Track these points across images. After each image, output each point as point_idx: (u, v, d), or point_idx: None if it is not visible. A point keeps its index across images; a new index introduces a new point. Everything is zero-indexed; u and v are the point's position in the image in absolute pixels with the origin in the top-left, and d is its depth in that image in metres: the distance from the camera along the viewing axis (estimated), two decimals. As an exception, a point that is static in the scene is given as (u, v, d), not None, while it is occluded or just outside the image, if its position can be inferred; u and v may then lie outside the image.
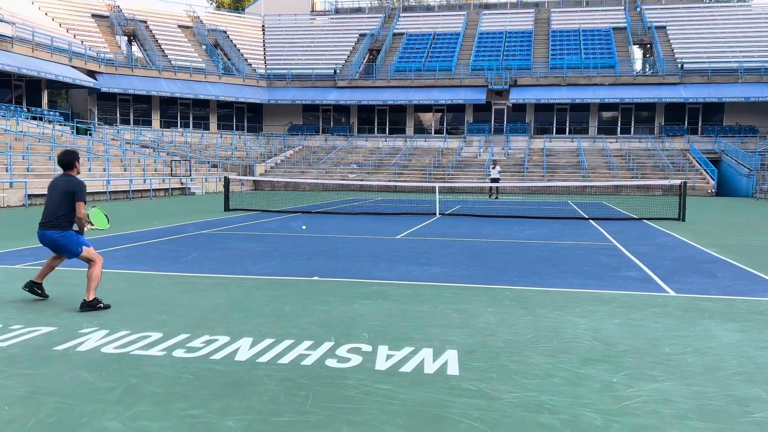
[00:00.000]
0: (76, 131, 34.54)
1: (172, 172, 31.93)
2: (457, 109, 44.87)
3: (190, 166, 33.60)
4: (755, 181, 31.89)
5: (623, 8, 49.38)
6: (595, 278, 7.87)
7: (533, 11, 51.02)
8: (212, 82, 43.99)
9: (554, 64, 43.51)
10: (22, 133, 27.59)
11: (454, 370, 4.24)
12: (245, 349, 4.66)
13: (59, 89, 40.89)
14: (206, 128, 45.09)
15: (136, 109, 43.12)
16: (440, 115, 45.81)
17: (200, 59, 45.38)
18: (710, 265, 9.07)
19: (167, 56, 43.84)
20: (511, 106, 43.65)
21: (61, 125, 33.77)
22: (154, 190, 27.99)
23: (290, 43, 50.05)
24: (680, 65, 41.46)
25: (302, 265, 8.71)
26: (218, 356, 4.49)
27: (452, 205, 22.97)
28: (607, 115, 43.78)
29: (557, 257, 9.67)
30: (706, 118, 42.18)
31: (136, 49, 45.20)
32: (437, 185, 20.76)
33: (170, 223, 14.80)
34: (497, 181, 27.65)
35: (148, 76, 41.98)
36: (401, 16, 52.90)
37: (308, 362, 4.37)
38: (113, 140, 35.10)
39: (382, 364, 4.35)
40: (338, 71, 45.79)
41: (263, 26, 52.48)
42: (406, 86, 44.41)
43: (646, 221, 16.39)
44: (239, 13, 56.30)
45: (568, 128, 43.83)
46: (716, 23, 45.39)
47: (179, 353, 4.54)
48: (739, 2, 49.95)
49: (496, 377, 4.10)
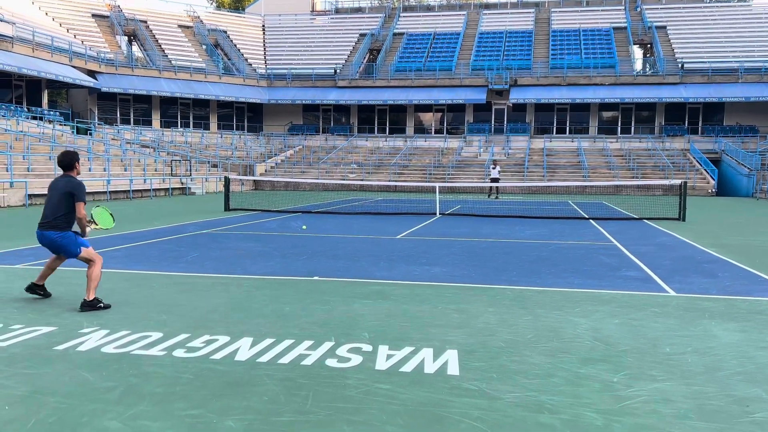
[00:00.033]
0: (76, 131, 34.54)
1: (172, 172, 31.94)
2: (457, 109, 44.86)
3: (190, 166, 33.61)
4: (755, 180, 31.88)
5: (623, 8, 49.37)
6: (595, 278, 7.87)
7: (533, 11, 51.01)
8: (212, 81, 44.00)
9: (554, 63, 43.51)
10: (22, 132, 27.60)
11: (454, 369, 4.24)
12: (245, 349, 4.66)
13: (59, 89, 40.90)
14: (206, 128, 45.10)
15: (136, 108, 43.13)
16: (440, 115, 45.81)
17: (200, 59, 45.39)
18: (710, 264, 9.07)
19: (167, 56, 43.84)
20: (511, 105, 43.64)
21: (61, 125, 33.78)
22: (154, 190, 27.99)
23: (290, 42, 50.05)
24: (680, 65, 41.45)
25: (302, 265, 8.71)
26: (218, 356, 4.49)
27: (452, 204, 22.97)
28: (607, 114, 43.77)
29: (557, 257, 9.68)
30: (706, 117, 42.17)
31: (136, 48, 45.21)
32: (437, 185, 20.76)
33: (170, 223, 14.80)
34: (497, 181, 27.66)
35: (148, 75, 41.98)
36: (401, 16, 52.89)
37: (308, 362, 4.37)
38: (113, 140, 35.11)
39: (382, 363, 4.35)
40: (338, 71, 45.78)
41: (263, 26, 52.48)
42: (406, 86, 44.41)
43: (646, 221, 16.38)
44: (239, 13, 56.31)
45: (568, 128, 43.82)
46: (716, 23, 45.39)
47: (179, 353, 4.55)
48: (739, 2, 49.93)
49: (496, 377, 4.10)
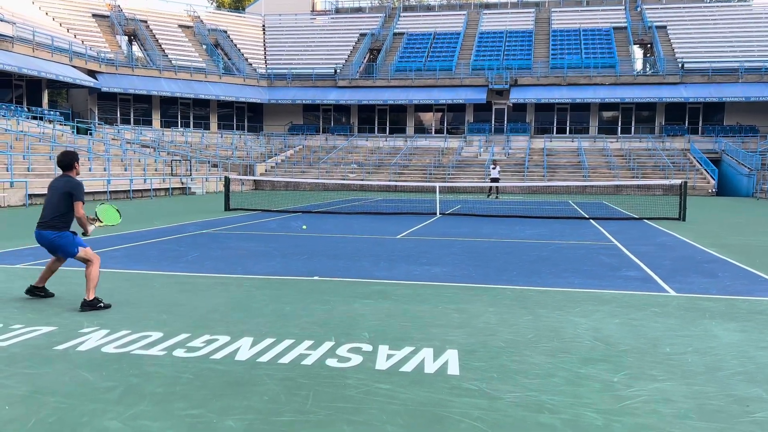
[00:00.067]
0: (76, 131, 34.54)
1: (172, 171, 31.95)
2: (457, 108, 44.86)
3: (190, 165, 33.61)
4: (756, 180, 31.88)
5: (624, 8, 49.37)
6: (595, 278, 7.86)
7: (534, 11, 51.01)
8: (213, 81, 44.00)
9: (555, 63, 43.51)
10: (22, 132, 27.60)
11: (454, 369, 4.23)
12: (245, 348, 4.66)
13: (60, 89, 40.91)
14: (207, 128, 45.10)
15: (136, 108, 43.14)
16: (441, 114, 45.80)
17: (201, 59, 45.39)
18: (711, 264, 9.07)
19: (168, 56, 43.84)
20: (511, 105, 43.64)
21: (61, 125, 33.78)
22: (154, 189, 28.00)
23: (291, 42, 50.05)
24: (681, 65, 41.44)
25: (302, 264, 8.71)
26: (218, 356, 4.49)
27: (453, 204, 22.97)
28: (607, 114, 43.77)
29: (558, 257, 9.67)
30: (706, 117, 42.17)
31: (136, 48, 45.22)
32: (438, 185, 20.74)
33: (170, 222, 14.80)
34: (497, 180, 27.67)
35: (148, 75, 41.99)
36: (402, 15, 52.89)
37: (309, 362, 4.37)
38: (114, 140, 35.11)
39: (382, 363, 4.35)
40: (338, 71, 45.78)
41: (264, 26, 52.48)
42: (406, 86, 44.40)
43: (646, 221, 16.38)
44: (240, 12, 56.31)
45: (568, 128, 43.82)
46: (717, 23, 45.38)
47: (179, 353, 4.54)
48: (739, 2, 49.92)
49: (496, 377, 4.10)
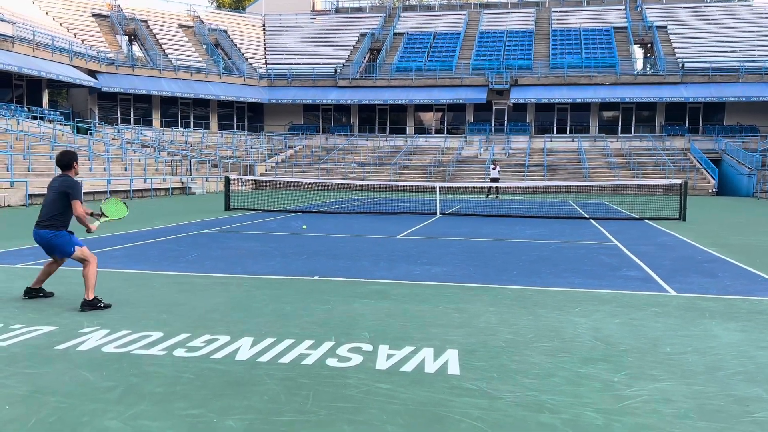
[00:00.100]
0: (76, 131, 34.55)
1: (172, 171, 31.96)
2: (457, 108, 44.86)
3: (190, 165, 33.61)
4: (756, 180, 31.87)
5: (624, 8, 49.36)
6: (595, 278, 7.86)
7: (534, 11, 51.01)
8: (213, 81, 44.00)
9: (555, 63, 43.50)
10: (22, 132, 27.61)
11: (454, 369, 4.23)
12: (246, 348, 4.66)
13: (60, 89, 40.91)
14: (207, 128, 45.10)
15: (136, 108, 43.14)
16: (441, 114, 45.80)
17: (201, 59, 45.39)
18: (711, 264, 9.07)
19: (168, 56, 43.84)
20: (511, 105, 43.63)
21: (61, 125, 33.78)
22: (154, 189, 28.00)
23: (291, 42, 50.05)
24: (681, 65, 41.44)
25: (303, 264, 8.71)
26: (219, 356, 4.49)
27: (453, 204, 22.97)
28: (607, 114, 43.76)
29: (558, 257, 9.67)
30: (706, 117, 42.16)
31: (136, 48, 45.22)
32: (438, 185, 20.75)
33: (171, 222, 14.80)
34: (497, 180, 27.67)
35: (148, 75, 41.99)
36: (402, 15, 52.89)
37: (309, 362, 4.36)
38: (114, 140, 35.11)
39: (382, 363, 4.34)
40: (339, 71, 45.78)
41: (264, 26, 52.48)
42: (406, 86, 44.40)
43: (646, 221, 16.38)
44: (240, 12, 56.32)
45: (568, 128, 43.82)
46: (717, 23, 45.38)
47: (180, 353, 4.54)
48: (740, 2, 49.92)
49: (496, 377, 4.10)
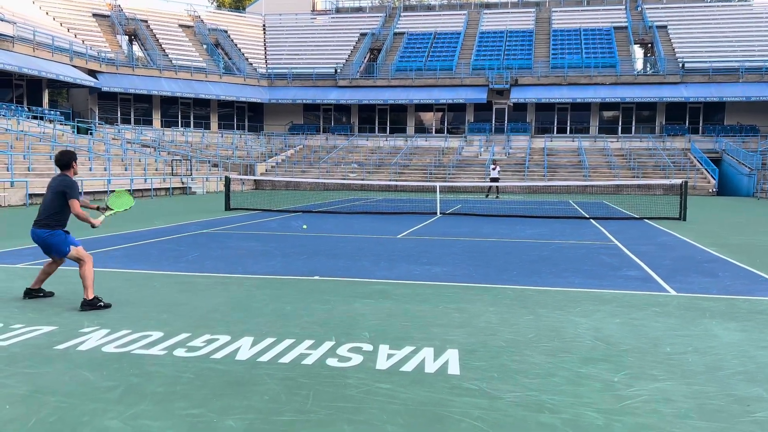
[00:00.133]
0: (76, 131, 34.55)
1: (173, 171, 31.97)
2: (457, 108, 44.85)
3: (191, 165, 33.62)
4: (756, 180, 31.87)
5: (624, 7, 49.36)
6: (595, 278, 7.86)
7: (534, 11, 51.01)
8: (213, 81, 44.00)
9: (555, 63, 43.50)
10: (23, 132, 27.61)
11: (455, 369, 4.23)
12: (246, 348, 4.66)
13: (60, 89, 40.91)
14: (207, 128, 45.10)
15: (137, 108, 43.14)
16: (441, 114, 45.80)
17: (201, 59, 45.39)
18: (711, 264, 9.07)
19: (168, 56, 43.84)
20: (511, 105, 43.63)
21: (61, 125, 33.78)
22: (155, 189, 28.00)
23: (291, 42, 50.05)
24: (681, 65, 41.43)
25: (303, 264, 8.71)
26: (219, 355, 4.49)
27: (453, 204, 22.97)
28: (608, 114, 43.76)
29: (558, 257, 9.67)
30: (707, 117, 42.16)
31: (137, 48, 45.22)
32: (438, 185, 20.74)
33: (171, 222, 14.80)
34: (497, 180, 27.67)
35: (148, 75, 41.99)
36: (402, 15, 52.89)
37: (309, 361, 4.36)
38: (114, 140, 35.11)
39: (382, 363, 4.34)
40: (339, 71, 45.78)
41: (264, 26, 52.49)
42: (406, 86, 44.40)
43: (646, 221, 16.38)
44: (240, 12, 56.32)
45: (569, 128, 43.81)
46: (717, 23, 45.37)
47: (180, 352, 4.54)
48: (740, 2, 49.90)
49: (497, 377, 4.10)
